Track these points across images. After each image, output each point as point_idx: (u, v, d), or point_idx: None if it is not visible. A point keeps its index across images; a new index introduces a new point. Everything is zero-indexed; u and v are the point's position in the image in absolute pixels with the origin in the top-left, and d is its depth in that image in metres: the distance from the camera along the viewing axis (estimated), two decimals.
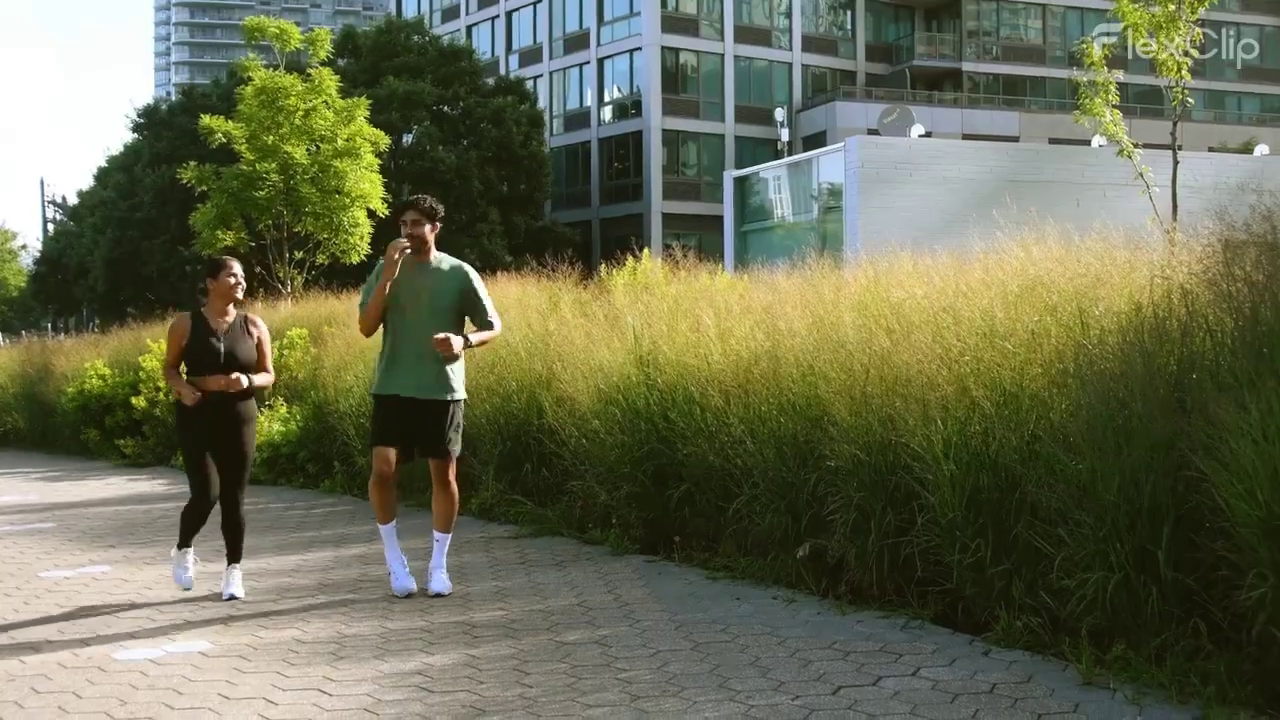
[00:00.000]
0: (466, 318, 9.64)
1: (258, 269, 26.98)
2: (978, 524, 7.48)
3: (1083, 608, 6.74)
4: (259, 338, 9.84)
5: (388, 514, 9.58)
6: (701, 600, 8.77)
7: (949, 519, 7.59)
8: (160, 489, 17.08)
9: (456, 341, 9.27)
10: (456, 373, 9.53)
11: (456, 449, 9.56)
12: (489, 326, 9.64)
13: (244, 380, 9.50)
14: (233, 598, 9.44)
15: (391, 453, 9.36)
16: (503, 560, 10.61)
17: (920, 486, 7.83)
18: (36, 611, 9.32)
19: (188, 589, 9.65)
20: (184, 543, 9.66)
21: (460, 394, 9.59)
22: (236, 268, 9.84)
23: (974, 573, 7.51)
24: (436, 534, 9.56)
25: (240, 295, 9.84)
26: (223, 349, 9.54)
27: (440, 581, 9.39)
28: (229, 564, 9.67)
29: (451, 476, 9.55)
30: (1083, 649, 6.66)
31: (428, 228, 9.62)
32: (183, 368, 9.72)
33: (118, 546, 12.12)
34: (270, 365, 10.04)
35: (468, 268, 9.80)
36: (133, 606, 9.38)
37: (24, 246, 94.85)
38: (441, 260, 9.74)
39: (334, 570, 10.53)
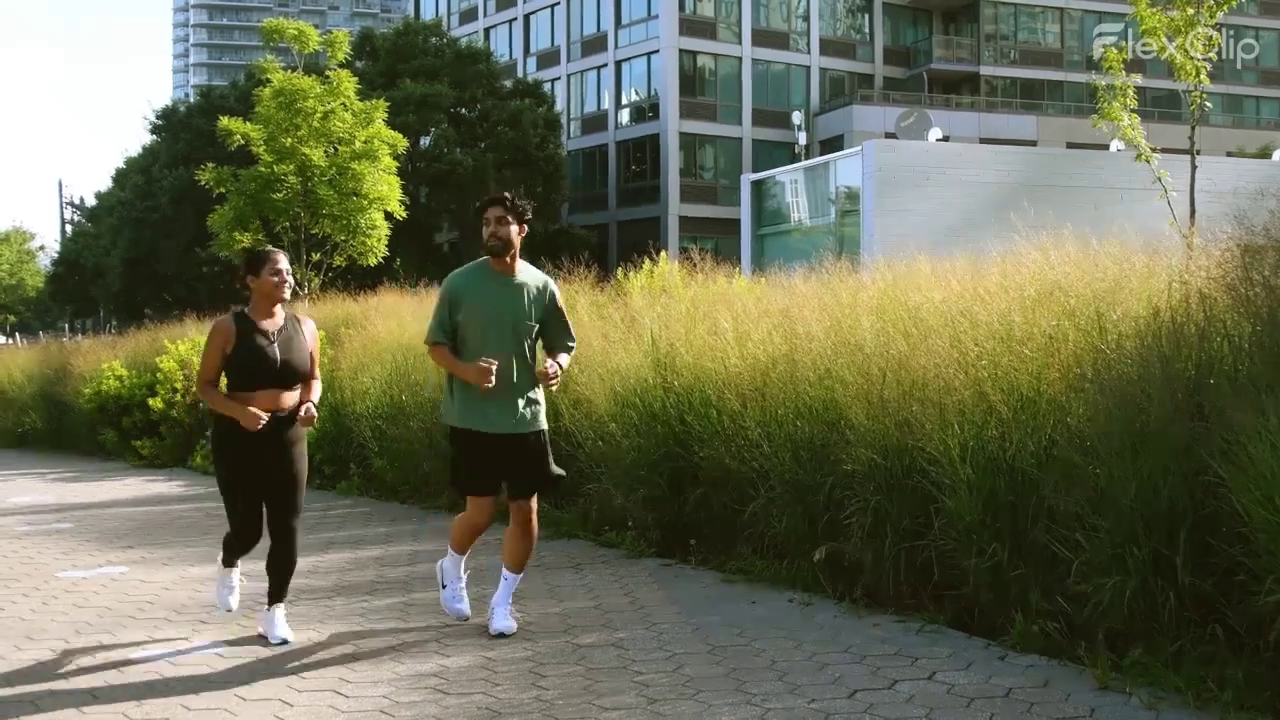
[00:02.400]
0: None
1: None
2: (994, 528, 7.48)
3: (1099, 612, 6.74)
4: (311, 338, 8.43)
5: (467, 548, 8.60)
6: (717, 603, 8.77)
7: (965, 523, 7.59)
8: (177, 490, 17.13)
9: (556, 368, 8.20)
10: (543, 397, 8.45)
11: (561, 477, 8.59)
12: (568, 350, 8.51)
13: (312, 410, 8.22)
14: (284, 641, 8.13)
15: (492, 503, 8.31)
16: None
17: (937, 490, 7.83)
18: (54, 611, 9.35)
19: (230, 611, 8.63)
20: (229, 560, 8.55)
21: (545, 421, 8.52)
22: (282, 262, 8.32)
23: (990, 577, 7.51)
24: (506, 573, 8.35)
25: (286, 295, 8.31)
26: (278, 355, 8.12)
27: (504, 618, 8.25)
28: (270, 603, 8.31)
29: (535, 514, 8.38)
30: (1099, 654, 6.66)
31: (514, 229, 8.20)
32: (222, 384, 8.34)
33: (135, 547, 12.16)
34: (318, 371, 8.57)
35: (553, 283, 8.56)
36: (150, 607, 9.41)
37: (42, 247, 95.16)
38: (525, 272, 8.39)
39: (350, 572, 10.54)
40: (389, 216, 27.55)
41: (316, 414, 8.32)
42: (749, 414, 9.60)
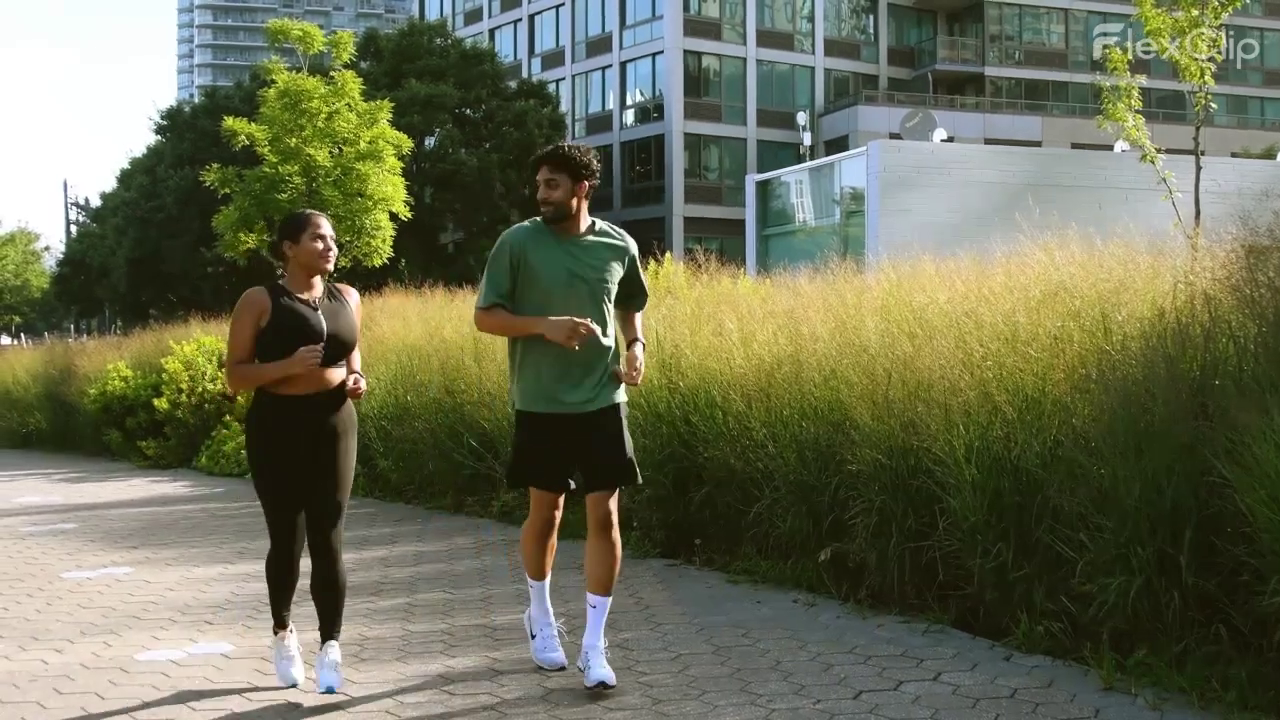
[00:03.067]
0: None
1: (280, 271, 27.02)
2: (999, 528, 7.47)
3: (1104, 613, 6.73)
4: (356, 312, 7.29)
5: (543, 569, 7.48)
6: (722, 603, 8.77)
7: (970, 523, 7.58)
8: (182, 491, 17.13)
9: (641, 361, 7.19)
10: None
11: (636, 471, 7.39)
12: (639, 310, 7.50)
13: (362, 382, 7.04)
14: (330, 690, 6.97)
15: (556, 500, 7.30)
16: (523, 564, 10.59)
17: (942, 491, 7.82)
18: (59, 612, 9.35)
19: (295, 685, 7.12)
20: (279, 621, 7.19)
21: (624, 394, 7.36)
22: (325, 226, 7.10)
23: (995, 577, 7.50)
24: (592, 598, 7.16)
25: (330, 265, 7.10)
26: (324, 325, 6.94)
27: (602, 667, 6.93)
28: (324, 639, 7.16)
29: (616, 516, 7.27)
30: (1104, 654, 6.66)
31: (567, 189, 6.97)
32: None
33: (140, 548, 12.16)
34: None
35: (629, 239, 7.39)
36: (155, 607, 9.41)
37: (47, 248, 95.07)
38: (596, 230, 7.20)
39: (355, 573, 10.53)
40: (394, 217, 27.54)
41: (365, 386, 7.11)
42: (754, 414, 9.60)
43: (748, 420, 9.63)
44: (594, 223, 7.20)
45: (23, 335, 79.51)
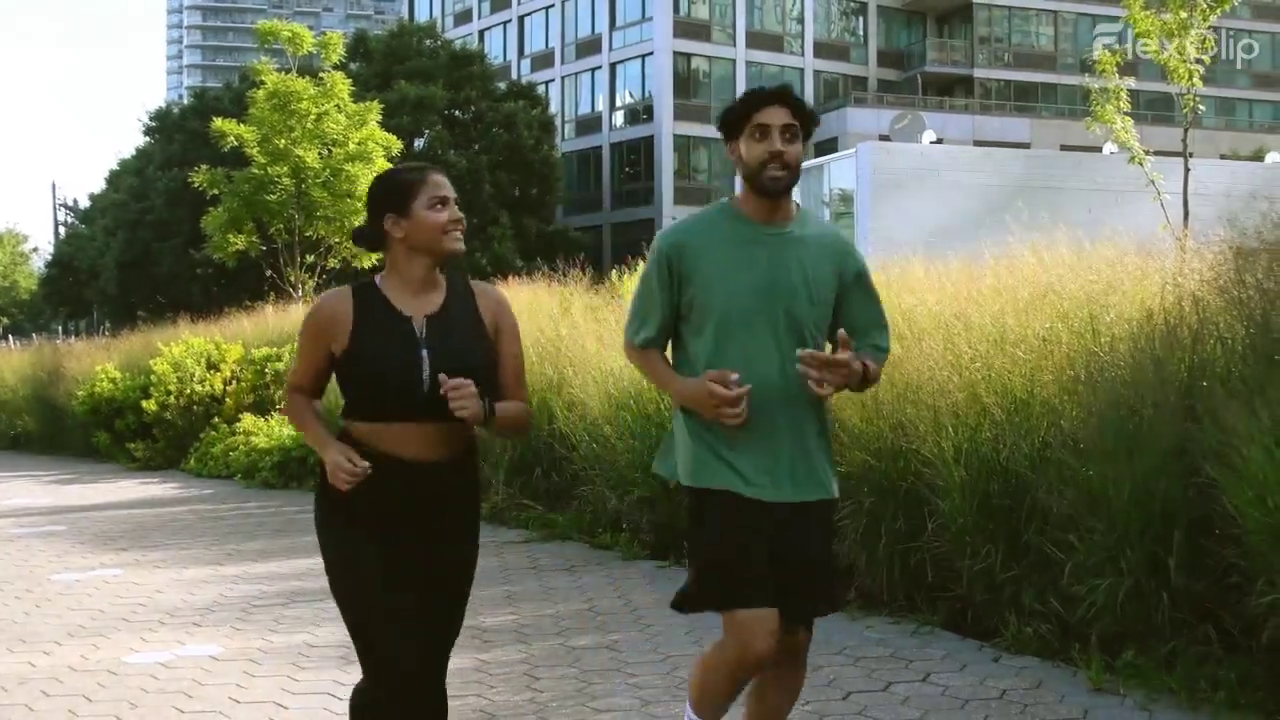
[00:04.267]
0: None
1: (269, 273, 27.07)
2: (988, 530, 7.47)
3: (1093, 614, 6.73)
4: (496, 321, 4.60)
5: (724, 710, 4.97)
6: None
7: (959, 525, 7.58)
8: (171, 492, 17.10)
9: (856, 365, 4.62)
10: (829, 438, 4.93)
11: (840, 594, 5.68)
12: (878, 356, 4.89)
13: (477, 402, 4.29)
14: None
15: (773, 618, 4.69)
16: (513, 565, 10.61)
17: (931, 493, 7.82)
18: (47, 614, 9.33)
19: None
20: None
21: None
22: (446, 186, 4.48)
23: (984, 579, 7.50)
24: None
25: (459, 246, 4.47)
26: (426, 355, 4.40)
27: None
28: None
29: (806, 649, 5.17)
30: (1093, 655, 6.66)
31: (800, 149, 4.85)
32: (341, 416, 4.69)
33: (129, 550, 12.14)
34: (524, 379, 4.70)
35: (845, 236, 5.26)
36: (143, 609, 9.39)
37: (35, 249, 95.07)
38: (806, 220, 4.89)
39: None
40: None
41: (482, 410, 4.33)
42: None
43: None
44: (805, 212, 4.95)
45: (10, 337, 79.35)
